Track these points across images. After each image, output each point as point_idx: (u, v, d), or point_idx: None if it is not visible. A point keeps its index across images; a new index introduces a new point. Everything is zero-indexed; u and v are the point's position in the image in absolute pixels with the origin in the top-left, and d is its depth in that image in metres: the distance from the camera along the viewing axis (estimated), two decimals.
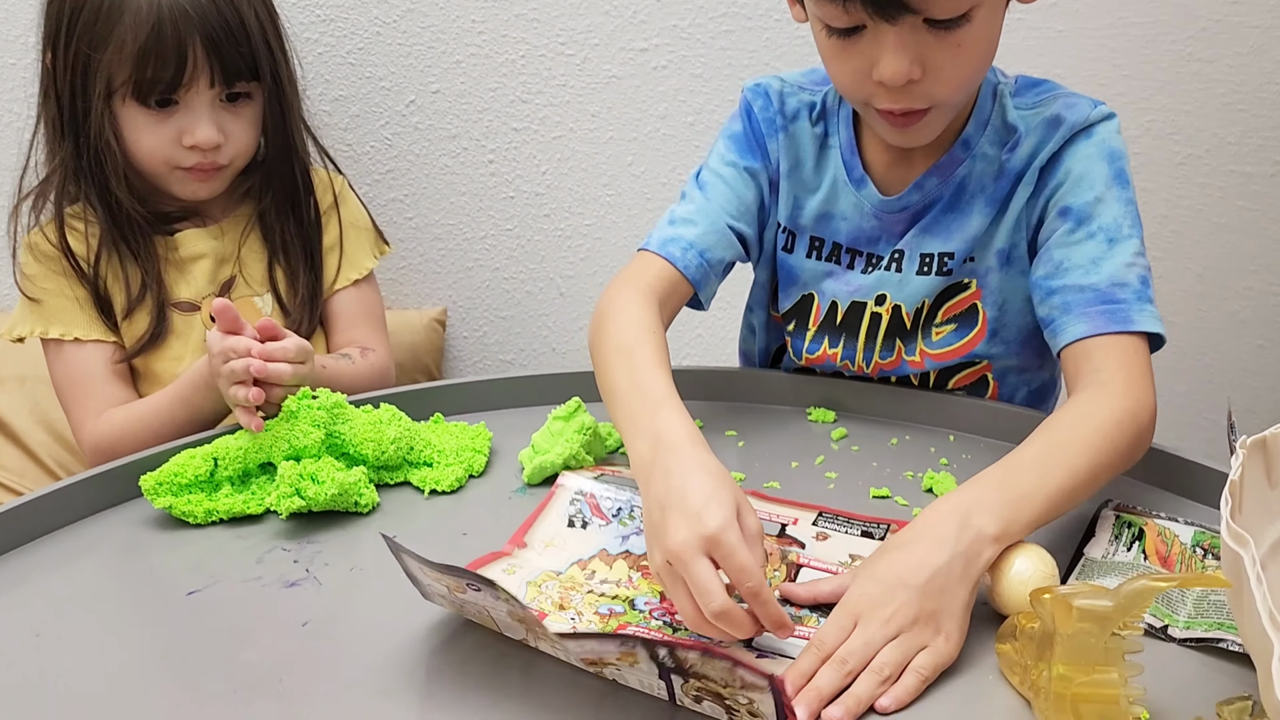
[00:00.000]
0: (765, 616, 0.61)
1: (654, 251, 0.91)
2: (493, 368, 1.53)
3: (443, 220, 1.46)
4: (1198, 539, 0.72)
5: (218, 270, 1.12)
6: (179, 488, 0.82)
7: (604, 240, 1.46)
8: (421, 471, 0.87)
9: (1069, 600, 0.52)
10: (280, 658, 0.66)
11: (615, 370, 0.78)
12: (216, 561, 0.77)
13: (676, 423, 0.69)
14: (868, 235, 0.94)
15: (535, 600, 0.68)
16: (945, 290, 0.92)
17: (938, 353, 0.95)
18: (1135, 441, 0.75)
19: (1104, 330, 0.80)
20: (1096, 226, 0.84)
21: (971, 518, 0.65)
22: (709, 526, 0.60)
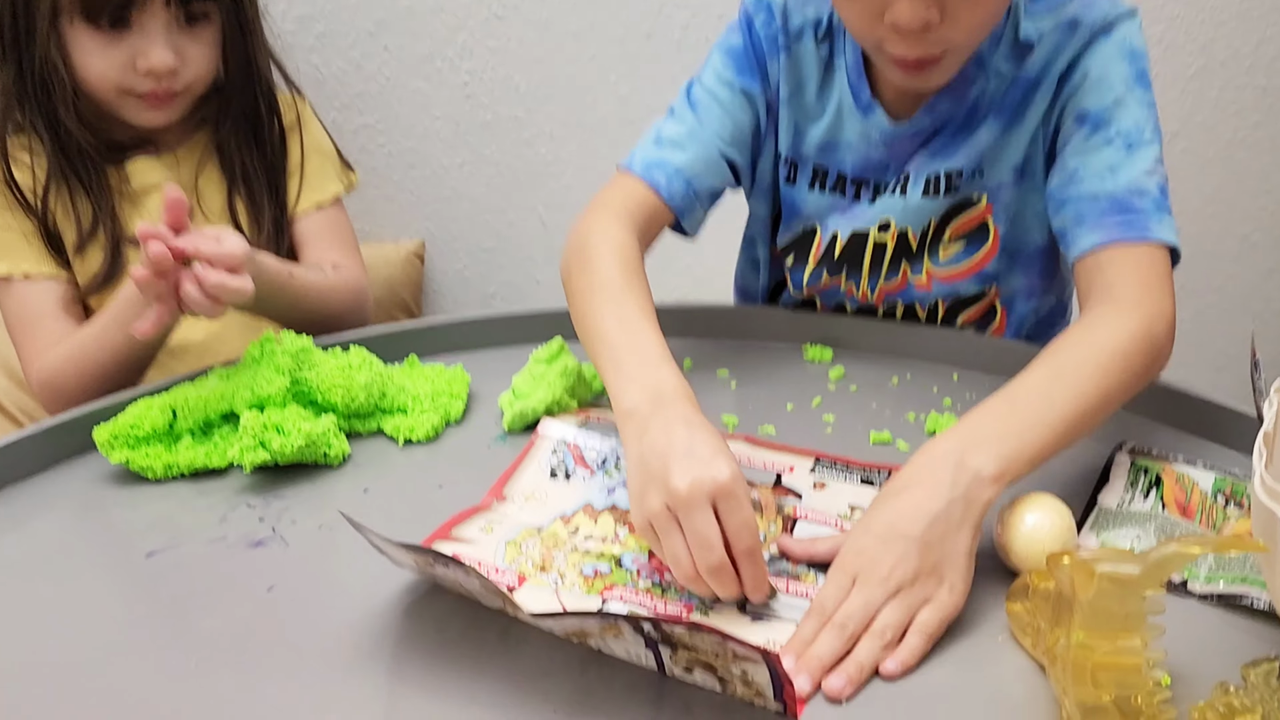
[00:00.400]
0: (751, 578, 0.58)
1: (637, 174, 0.85)
2: (475, 302, 1.47)
3: (417, 147, 1.38)
4: (1218, 485, 0.68)
5: None
6: (136, 440, 0.77)
7: (588, 168, 1.39)
8: (395, 419, 0.82)
9: (1091, 566, 0.48)
10: (243, 626, 0.62)
11: (601, 314, 0.73)
12: (177, 520, 0.72)
13: (677, 380, 0.66)
14: (876, 164, 0.88)
15: (515, 562, 0.64)
16: (953, 208, 0.87)
17: (946, 272, 0.89)
18: (1151, 359, 0.70)
19: (1118, 240, 0.74)
20: (1115, 131, 0.78)
21: (968, 458, 0.60)
22: (722, 474, 0.57)
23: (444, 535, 0.66)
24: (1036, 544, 0.59)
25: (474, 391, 0.87)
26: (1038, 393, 0.65)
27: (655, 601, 0.60)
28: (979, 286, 0.90)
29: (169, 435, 0.78)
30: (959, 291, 0.90)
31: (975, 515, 0.60)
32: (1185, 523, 0.64)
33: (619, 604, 0.60)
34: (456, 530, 0.66)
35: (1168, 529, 0.63)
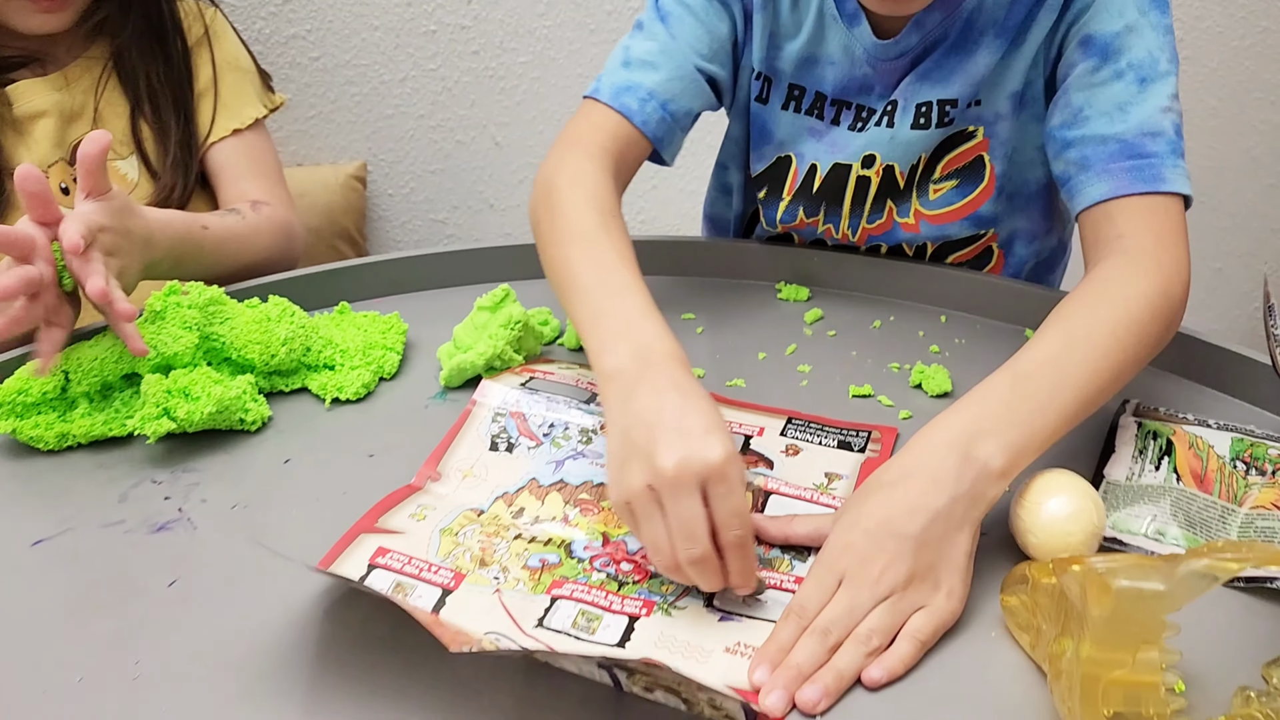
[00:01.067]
0: (739, 572, 0.51)
1: (605, 103, 0.75)
2: (422, 228, 1.37)
3: (354, 60, 1.26)
4: (1236, 449, 0.61)
5: (66, 130, 0.92)
6: (24, 408, 0.68)
7: (543, 80, 1.28)
8: (321, 376, 0.74)
9: (1107, 581, 0.41)
10: (139, 630, 0.54)
11: (576, 263, 0.64)
12: (71, 499, 0.64)
13: (667, 337, 0.58)
14: (858, 84, 0.78)
15: (451, 555, 0.56)
16: (945, 142, 0.77)
17: (936, 213, 0.80)
18: (1167, 324, 0.63)
19: (1129, 191, 0.66)
20: (1125, 63, 0.68)
21: (975, 448, 0.53)
22: (714, 455, 0.50)
23: (369, 526, 0.58)
24: (1068, 534, 0.52)
25: (412, 341, 0.78)
26: (1048, 370, 0.57)
27: (611, 598, 0.53)
28: (973, 229, 0.82)
29: (62, 400, 0.69)
30: (950, 234, 0.82)
31: (978, 514, 0.53)
32: (1203, 495, 0.57)
33: (569, 603, 0.53)
34: (384, 519, 0.59)
35: (1184, 504, 0.57)
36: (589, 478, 0.62)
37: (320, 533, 0.59)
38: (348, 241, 1.28)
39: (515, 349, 0.72)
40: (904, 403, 0.70)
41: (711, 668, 0.49)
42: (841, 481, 0.62)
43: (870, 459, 0.64)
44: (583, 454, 0.63)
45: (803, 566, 0.55)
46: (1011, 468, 0.54)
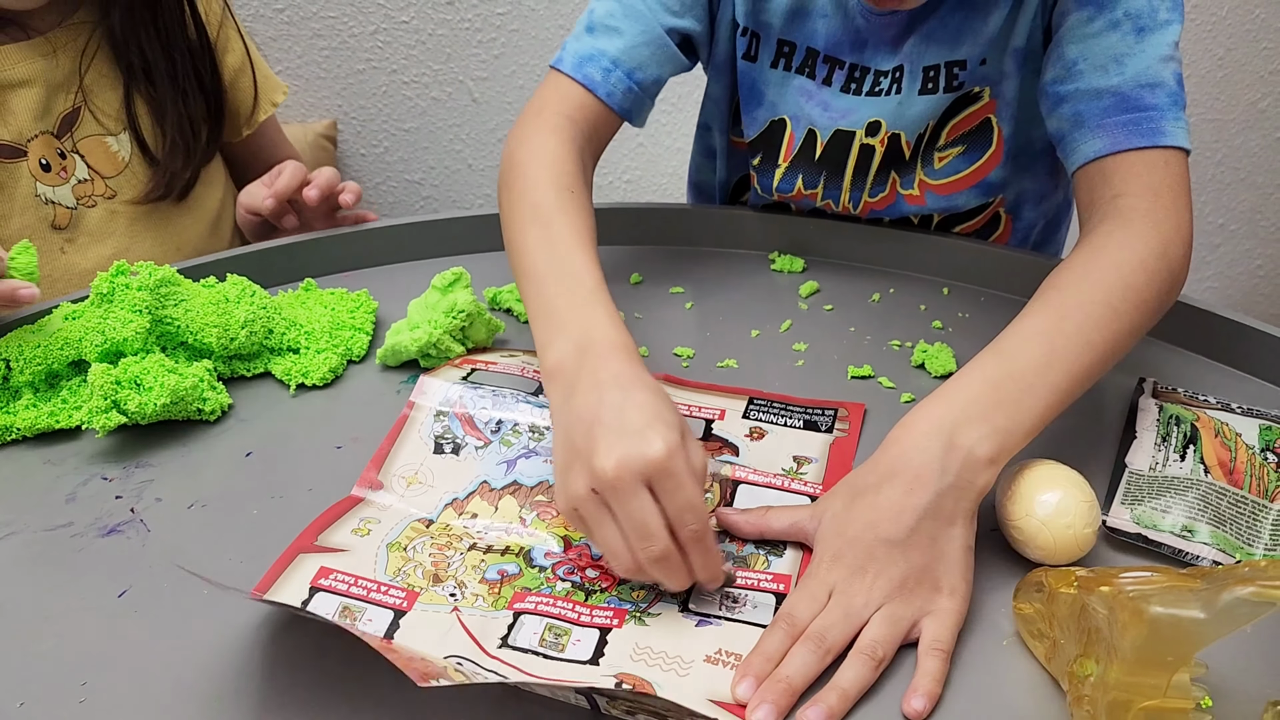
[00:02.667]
0: (703, 566, 0.48)
1: (568, 74, 0.70)
2: (397, 189, 1.31)
3: (322, 13, 1.20)
4: (1266, 439, 0.57)
5: (51, 101, 0.85)
6: None
7: (521, 32, 1.21)
8: (285, 360, 0.69)
9: (1140, 606, 0.37)
10: (87, 647, 0.50)
11: (528, 242, 0.60)
12: (14, 500, 0.59)
13: (609, 325, 0.53)
14: (851, 40, 0.72)
15: (401, 572, 0.51)
16: (951, 105, 0.72)
17: (941, 183, 0.75)
18: (1167, 288, 0.58)
19: (1126, 146, 0.62)
20: (1122, 13, 0.63)
21: (958, 436, 0.49)
22: (655, 451, 0.46)
23: (308, 545, 0.53)
24: (1057, 531, 0.48)
25: (384, 319, 0.74)
26: (1037, 345, 0.53)
27: (579, 609, 0.49)
28: (981, 198, 0.77)
29: (4, 391, 0.65)
30: (957, 204, 0.77)
31: (969, 505, 0.49)
32: (1233, 490, 0.53)
33: (534, 618, 0.48)
34: (324, 536, 0.53)
35: (1213, 499, 0.53)
36: (545, 477, 0.57)
37: (283, 533, 0.54)
38: None
39: (460, 339, 0.67)
40: (906, 384, 0.66)
41: (693, 680, 0.45)
42: (812, 465, 0.58)
43: (840, 439, 0.60)
44: (535, 452, 0.59)
45: (780, 562, 0.52)
46: (1000, 453, 0.50)
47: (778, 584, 0.51)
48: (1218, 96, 1.24)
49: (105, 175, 0.87)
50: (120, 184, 0.87)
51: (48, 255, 0.85)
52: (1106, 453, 0.59)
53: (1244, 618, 0.36)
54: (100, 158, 0.86)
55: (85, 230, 0.86)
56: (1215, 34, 1.20)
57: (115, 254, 0.87)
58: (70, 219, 0.86)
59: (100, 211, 0.87)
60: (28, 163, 0.84)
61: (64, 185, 0.85)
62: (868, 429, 0.62)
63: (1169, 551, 0.51)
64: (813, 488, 0.56)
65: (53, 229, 0.86)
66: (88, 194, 0.86)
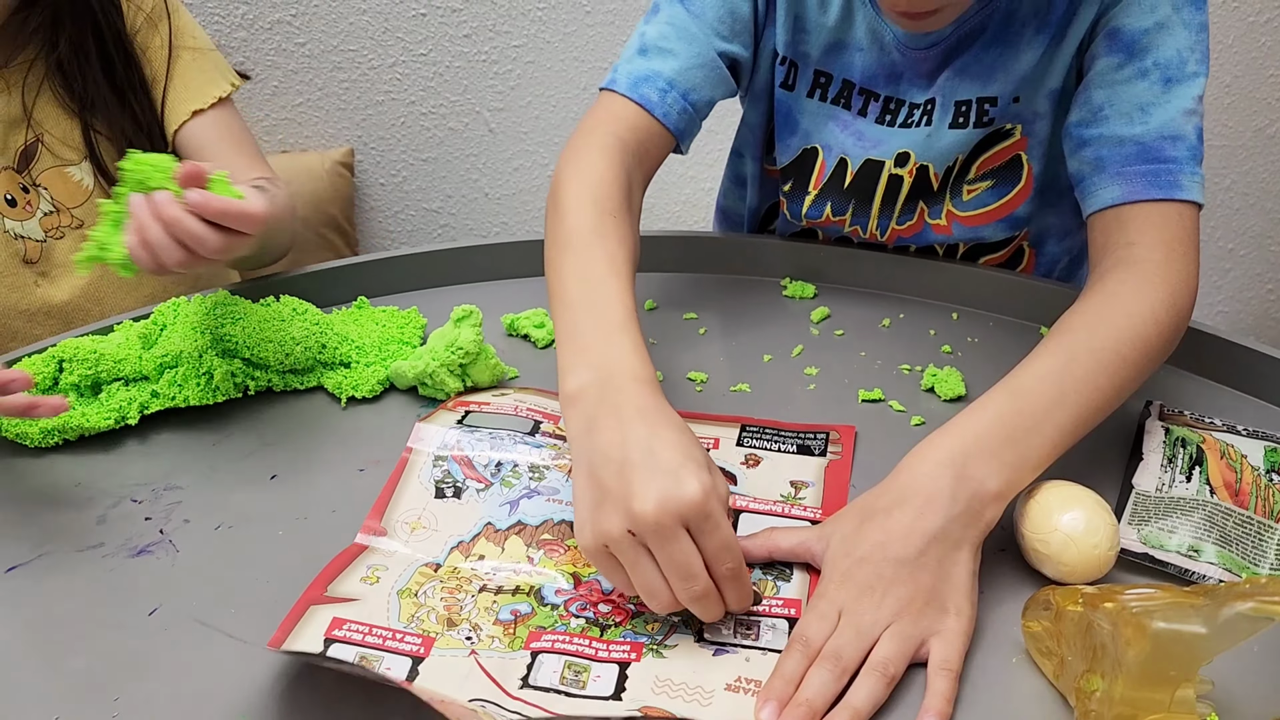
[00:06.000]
0: (738, 599, 0.49)
1: (623, 94, 0.71)
2: (415, 217, 1.33)
3: (342, 45, 1.22)
4: (1271, 460, 0.58)
5: (7, 136, 0.86)
6: None
7: (537, 64, 1.24)
8: (337, 374, 0.71)
9: (1143, 621, 0.38)
10: (117, 663, 0.51)
11: (565, 266, 0.61)
12: (47, 520, 0.61)
13: (633, 356, 0.54)
14: (887, 73, 0.74)
15: (415, 619, 0.51)
16: (982, 140, 0.74)
17: (969, 214, 0.77)
18: (1172, 337, 0.60)
19: (1143, 196, 0.63)
20: (1151, 61, 0.65)
21: (969, 468, 0.51)
22: (692, 493, 0.47)
23: (318, 596, 0.52)
24: (1083, 549, 0.50)
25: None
26: (1047, 386, 0.55)
27: (595, 645, 0.50)
28: (1008, 231, 0.78)
29: (53, 392, 0.67)
30: (984, 236, 0.78)
31: (976, 534, 0.51)
32: (1239, 510, 0.54)
33: (553, 657, 0.49)
34: (334, 586, 0.53)
35: (1219, 519, 0.54)
36: (548, 516, 0.58)
37: (306, 554, 0.56)
38: (336, 231, 1.25)
39: (459, 375, 0.68)
40: (916, 408, 0.67)
41: (716, 709, 0.46)
42: (809, 490, 0.59)
43: (834, 461, 0.61)
44: (537, 491, 0.59)
45: (789, 587, 0.53)
46: (1008, 488, 0.52)
47: (788, 609, 0.52)
48: (1225, 122, 1.26)
49: (70, 206, 0.88)
50: (85, 213, 0.88)
51: (22, 290, 0.86)
52: (1114, 474, 0.60)
53: (1244, 633, 0.37)
54: (63, 189, 0.87)
55: (57, 262, 0.87)
56: (1222, 61, 1.22)
57: (90, 284, 0.88)
58: (41, 252, 0.87)
59: (69, 242, 0.88)
60: None
61: (31, 219, 0.86)
62: (874, 449, 0.63)
63: (1175, 571, 0.52)
64: (812, 512, 0.58)
65: (24, 264, 0.86)
66: (55, 225, 0.87)
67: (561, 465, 0.61)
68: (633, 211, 0.66)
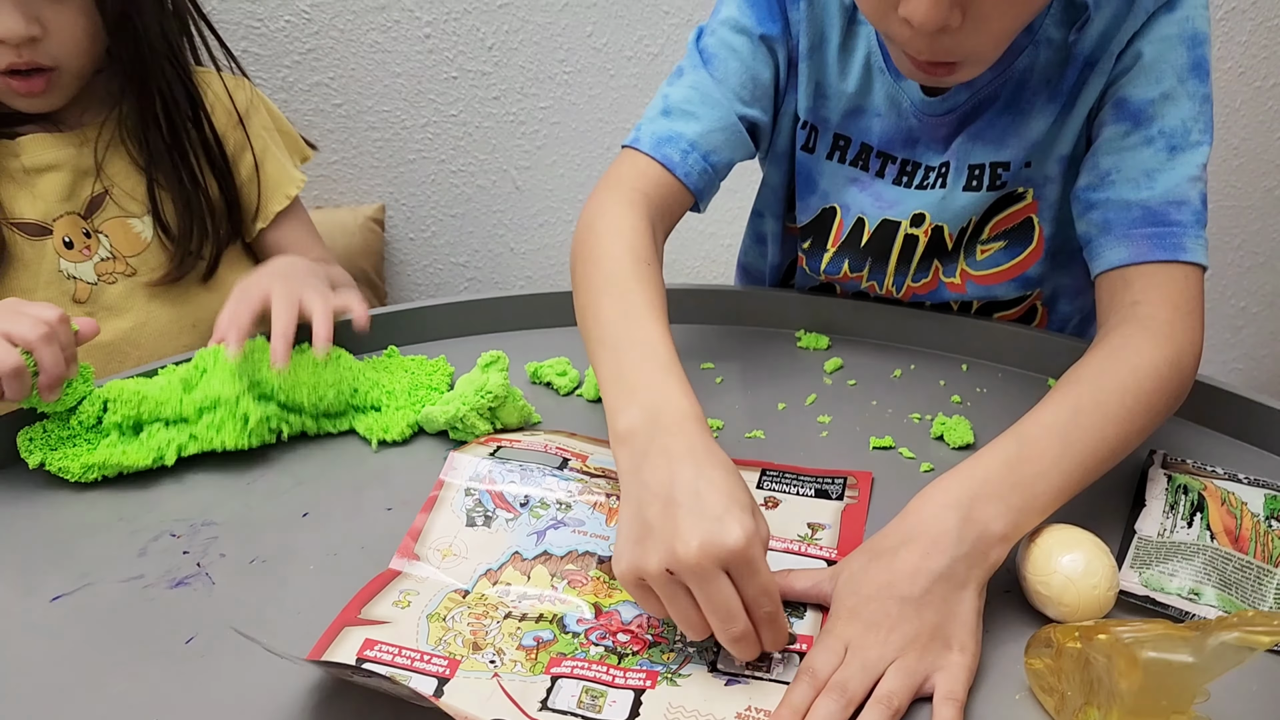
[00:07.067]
0: (773, 641, 0.51)
1: (647, 153, 0.74)
2: (443, 271, 1.38)
3: (376, 106, 1.28)
4: (1271, 507, 0.59)
5: (77, 185, 0.92)
6: (58, 439, 0.69)
7: (563, 125, 1.29)
8: (368, 418, 0.74)
9: (1135, 653, 0.40)
10: (156, 688, 0.54)
11: (604, 311, 0.63)
12: (91, 553, 0.64)
13: (682, 395, 0.56)
14: (904, 137, 0.77)
15: (442, 641, 0.54)
16: (995, 203, 0.77)
17: (983, 274, 0.80)
18: (1176, 395, 0.62)
19: (1149, 258, 0.66)
20: (1157, 130, 0.68)
21: (976, 511, 0.53)
22: (735, 540, 0.49)
23: (352, 618, 0.55)
24: (1083, 590, 0.51)
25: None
26: (1053, 435, 0.57)
27: (613, 672, 0.52)
28: (1020, 291, 0.81)
29: (95, 431, 0.70)
30: (997, 295, 0.81)
31: (981, 575, 0.53)
32: (1238, 555, 0.56)
33: (571, 681, 0.51)
34: (367, 609, 0.56)
35: (1219, 564, 0.55)
36: (573, 547, 0.60)
37: (338, 586, 0.58)
38: (366, 284, 1.29)
39: (488, 418, 0.71)
40: (925, 455, 0.69)
41: None
42: (825, 531, 0.61)
43: (850, 505, 0.63)
44: (563, 523, 0.62)
45: (801, 624, 0.55)
46: (1013, 530, 0.53)
47: (800, 644, 0.54)
48: (1234, 184, 1.28)
49: (126, 255, 0.93)
50: (140, 263, 0.93)
51: None
52: (1117, 520, 0.62)
53: (1230, 662, 0.39)
54: (122, 238, 0.93)
55: (104, 304, 0.92)
56: (1230, 124, 1.25)
57: (132, 327, 0.93)
58: (90, 293, 0.92)
59: (120, 287, 0.93)
60: (52, 240, 0.91)
61: (86, 262, 0.92)
62: (884, 494, 0.65)
63: (1176, 613, 0.54)
64: (828, 551, 0.60)
65: (73, 302, 0.92)
66: (109, 271, 0.93)
67: (588, 499, 0.63)
68: (659, 262, 0.70)
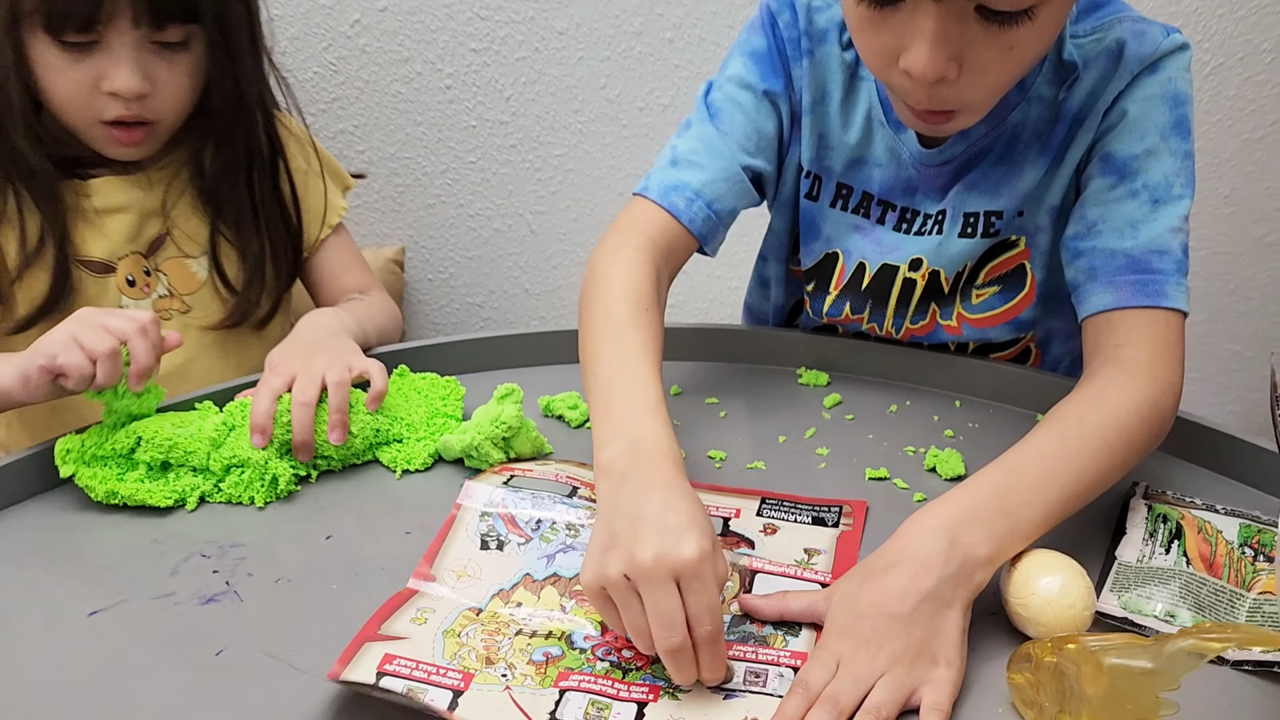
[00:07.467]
0: (710, 666, 0.54)
1: (654, 200, 0.79)
2: (459, 311, 1.42)
3: (398, 153, 1.33)
4: (1244, 535, 0.63)
5: (142, 226, 0.96)
6: (93, 457, 0.73)
7: (576, 171, 1.34)
8: (391, 450, 0.78)
9: (1099, 659, 0.43)
10: (184, 698, 0.57)
11: (601, 350, 0.68)
12: (126, 572, 0.67)
13: (663, 435, 0.60)
14: (904, 186, 0.81)
15: (457, 656, 0.57)
16: (990, 249, 0.81)
17: (978, 318, 0.83)
18: (1156, 433, 0.66)
19: (1132, 303, 0.70)
20: (1141, 184, 0.72)
21: (962, 534, 0.56)
22: (689, 552, 0.52)
23: (372, 634, 0.58)
24: (1053, 616, 0.54)
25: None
26: (1038, 466, 0.60)
27: (617, 685, 0.55)
28: (1014, 333, 0.85)
29: (127, 460, 0.74)
30: (991, 337, 0.85)
31: (967, 595, 0.56)
32: (1212, 580, 0.59)
33: (578, 694, 0.55)
34: (387, 626, 0.59)
35: (1194, 588, 0.58)
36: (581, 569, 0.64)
37: (359, 605, 0.62)
38: None
39: (502, 447, 0.75)
40: (918, 485, 0.73)
41: None
42: (821, 556, 0.64)
43: (845, 532, 0.66)
44: (572, 547, 0.65)
45: (796, 641, 0.58)
46: (998, 554, 0.56)
47: (795, 660, 0.57)
48: (1226, 232, 1.32)
49: (182, 293, 0.98)
50: (194, 301, 0.98)
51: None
52: (1099, 547, 0.65)
53: (1185, 667, 0.42)
54: (180, 277, 0.97)
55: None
56: (1220, 174, 1.29)
57: (182, 363, 0.97)
58: None
59: (174, 325, 0.97)
60: (115, 278, 0.96)
61: (145, 299, 0.96)
62: (878, 522, 0.68)
63: (1152, 635, 0.57)
64: (823, 575, 0.63)
65: None
66: (165, 308, 0.97)
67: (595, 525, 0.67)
68: (660, 305, 0.74)
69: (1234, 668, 0.55)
